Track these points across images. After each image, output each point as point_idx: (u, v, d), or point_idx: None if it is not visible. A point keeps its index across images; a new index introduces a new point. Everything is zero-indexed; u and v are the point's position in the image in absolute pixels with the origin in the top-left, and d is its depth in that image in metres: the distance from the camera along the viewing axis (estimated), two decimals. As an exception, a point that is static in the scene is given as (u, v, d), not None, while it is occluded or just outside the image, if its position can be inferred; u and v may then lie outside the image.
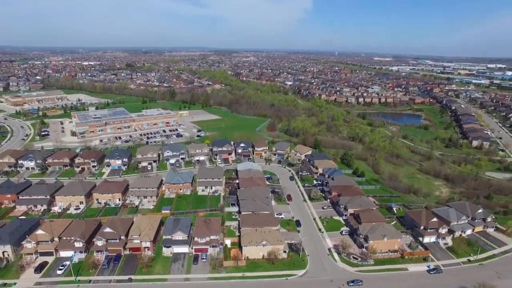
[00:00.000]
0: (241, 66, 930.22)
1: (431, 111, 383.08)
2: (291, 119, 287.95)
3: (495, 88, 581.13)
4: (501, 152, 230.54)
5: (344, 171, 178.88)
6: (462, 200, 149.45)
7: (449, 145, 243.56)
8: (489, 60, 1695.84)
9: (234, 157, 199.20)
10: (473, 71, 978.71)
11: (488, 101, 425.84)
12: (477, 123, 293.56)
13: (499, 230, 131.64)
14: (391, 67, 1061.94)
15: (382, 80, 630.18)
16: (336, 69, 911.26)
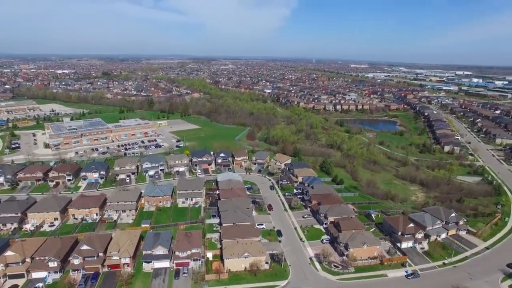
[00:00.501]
0: (220, 74, 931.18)
1: (405, 117, 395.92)
2: (270, 128, 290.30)
3: (463, 95, 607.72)
4: (471, 157, 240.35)
5: (323, 179, 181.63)
6: (436, 205, 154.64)
7: (423, 151, 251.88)
8: (457, 67, 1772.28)
9: (214, 168, 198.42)
10: (443, 78, 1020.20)
11: (457, 107, 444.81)
12: (448, 128, 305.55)
13: (470, 233, 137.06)
14: (367, 74, 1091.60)
15: (358, 87, 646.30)
16: (314, 76, 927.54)
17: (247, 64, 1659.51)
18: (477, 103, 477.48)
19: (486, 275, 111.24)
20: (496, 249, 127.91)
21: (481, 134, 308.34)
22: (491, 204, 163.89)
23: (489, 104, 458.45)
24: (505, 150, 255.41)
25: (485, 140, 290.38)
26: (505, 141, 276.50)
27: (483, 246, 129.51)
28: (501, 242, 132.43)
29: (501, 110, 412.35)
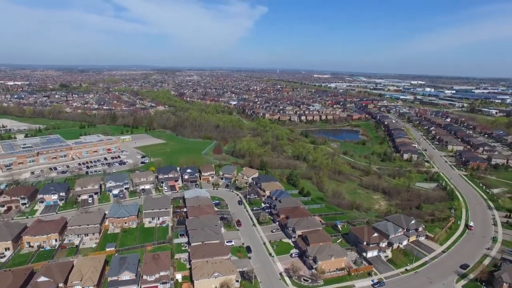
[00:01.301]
0: (184, 86, 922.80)
1: (367, 126, 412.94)
2: (237, 140, 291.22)
3: (418, 103, 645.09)
4: (427, 163, 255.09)
5: (290, 191, 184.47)
6: (398, 213, 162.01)
7: (385, 159, 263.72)
8: (412, 77, 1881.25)
9: (181, 184, 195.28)
10: (400, 87, 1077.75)
11: (413, 115, 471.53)
12: (406, 137, 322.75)
13: (429, 238, 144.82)
14: (329, 84, 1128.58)
15: (322, 98, 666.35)
16: (279, 87, 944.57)
17: (212, 75, 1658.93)
18: (431, 112, 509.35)
19: (443, 277, 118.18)
20: (451, 252, 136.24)
21: (435, 142, 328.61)
22: (445, 209, 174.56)
23: (441, 113, 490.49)
24: (455, 156, 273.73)
25: (439, 147, 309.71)
26: (455, 147, 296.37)
27: (440, 250, 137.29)
28: (454, 245, 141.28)
29: (451, 118, 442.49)
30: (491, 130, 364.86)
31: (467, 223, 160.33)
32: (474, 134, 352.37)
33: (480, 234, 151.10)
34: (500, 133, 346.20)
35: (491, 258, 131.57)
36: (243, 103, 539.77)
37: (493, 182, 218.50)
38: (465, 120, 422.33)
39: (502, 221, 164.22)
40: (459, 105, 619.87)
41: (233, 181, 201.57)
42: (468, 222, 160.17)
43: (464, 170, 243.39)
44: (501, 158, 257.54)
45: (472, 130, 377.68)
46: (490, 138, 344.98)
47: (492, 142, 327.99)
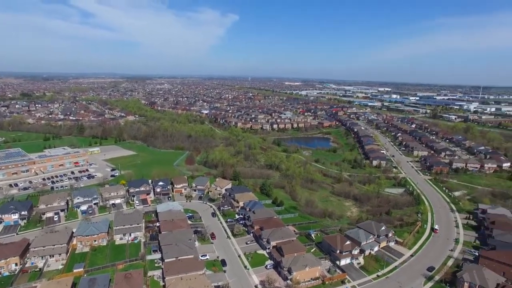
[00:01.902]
0: (155, 95, 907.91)
1: (337, 133, 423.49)
2: (209, 150, 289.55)
3: (386, 110, 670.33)
4: (395, 169, 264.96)
5: (264, 201, 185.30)
6: (368, 219, 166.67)
7: (355, 166, 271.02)
8: (379, 84, 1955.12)
9: (153, 197, 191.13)
10: (368, 94, 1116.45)
11: (381, 122, 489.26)
12: (375, 144, 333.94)
13: (398, 243, 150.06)
14: (300, 92, 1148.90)
15: (293, 105, 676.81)
16: (250, 95, 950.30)
17: (184, 83, 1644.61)
18: (397, 118, 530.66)
19: (412, 281, 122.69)
20: (418, 255, 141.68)
21: (402, 147, 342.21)
22: (413, 214, 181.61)
23: (406, 119, 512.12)
24: (420, 161, 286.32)
25: (405, 153, 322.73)
26: (420, 153, 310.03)
27: (408, 254, 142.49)
28: (422, 249, 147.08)
29: (416, 124, 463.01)
30: (452, 135, 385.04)
31: (432, 226, 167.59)
32: (437, 140, 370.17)
33: (444, 237, 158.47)
34: (459, 138, 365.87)
35: (454, 259, 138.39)
36: (215, 112, 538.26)
37: (454, 186, 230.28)
38: (429, 126, 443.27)
39: (463, 223, 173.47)
40: (423, 111, 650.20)
41: (206, 193, 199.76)
42: (434, 226, 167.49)
43: (428, 174, 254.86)
44: (461, 162, 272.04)
45: (435, 135, 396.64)
46: (451, 143, 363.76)
47: (453, 146, 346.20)
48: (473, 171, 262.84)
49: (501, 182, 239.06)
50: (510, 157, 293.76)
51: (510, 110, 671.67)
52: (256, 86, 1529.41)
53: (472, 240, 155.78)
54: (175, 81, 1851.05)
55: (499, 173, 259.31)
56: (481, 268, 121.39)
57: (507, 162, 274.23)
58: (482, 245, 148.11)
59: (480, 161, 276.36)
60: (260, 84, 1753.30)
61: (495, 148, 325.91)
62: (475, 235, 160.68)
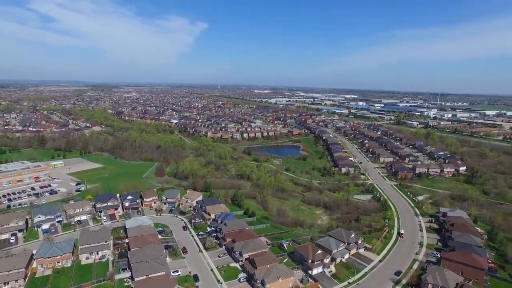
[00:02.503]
0: (122, 104, 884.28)
1: (307, 141, 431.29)
2: (179, 161, 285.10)
3: (353, 117, 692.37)
4: (363, 176, 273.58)
5: (235, 212, 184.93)
6: (339, 226, 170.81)
7: (325, 174, 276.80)
8: (346, 91, 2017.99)
9: (122, 212, 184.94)
10: (335, 101, 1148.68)
11: (349, 129, 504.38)
12: (343, 151, 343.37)
13: (367, 249, 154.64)
14: (270, 100, 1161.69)
15: (263, 114, 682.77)
16: (220, 103, 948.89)
17: (152, 92, 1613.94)
18: (364, 125, 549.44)
19: (381, 286, 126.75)
20: (386, 260, 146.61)
21: (369, 154, 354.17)
22: (380, 219, 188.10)
23: (372, 126, 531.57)
24: (386, 167, 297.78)
25: (372, 159, 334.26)
26: (386, 159, 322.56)
27: (377, 260, 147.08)
28: (389, 253, 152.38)
29: (381, 131, 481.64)
30: (414, 141, 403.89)
31: (399, 231, 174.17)
32: (401, 146, 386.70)
33: (410, 241, 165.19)
34: (421, 143, 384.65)
35: (419, 262, 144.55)
36: (185, 121, 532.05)
37: (418, 190, 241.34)
38: (393, 132, 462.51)
39: (426, 226, 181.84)
40: (387, 118, 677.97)
41: (177, 206, 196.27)
42: (400, 230, 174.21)
43: (394, 180, 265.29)
44: (423, 167, 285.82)
45: (399, 141, 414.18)
46: (413, 148, 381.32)
47: (416, 152, 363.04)
48: (434, 175, 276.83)
49: (458, 185, 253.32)
50: (466, 161, 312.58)
51: (464, 116, 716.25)
52: (226, 94, 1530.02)
53: (435, 243, 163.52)
54: (143, 90, 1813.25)
55: (457, 177, 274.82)
56: (442, 269, 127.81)
57: (463, 166, 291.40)
58: (443, 247, 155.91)
59: (440, 165, 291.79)
60: (229, 92, 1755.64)
61: (453, 152, 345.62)
62: (437, 238, 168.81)
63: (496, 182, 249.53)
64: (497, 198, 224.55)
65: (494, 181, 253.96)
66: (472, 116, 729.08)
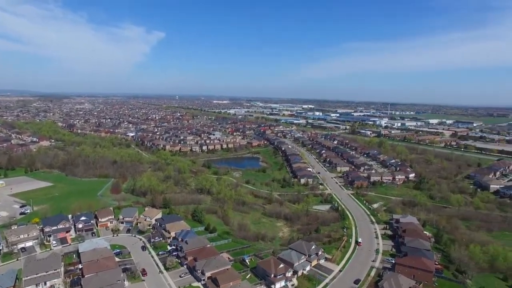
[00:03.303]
0: (74, 116, 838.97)
1: (266, 153, 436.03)
2: (137, 177, 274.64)
3: (310, 127, 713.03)
4: (321, 186, 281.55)
5: (196, 229, 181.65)
6: (299, 238, 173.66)
7: (284, 185, 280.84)
8: (303, 101, 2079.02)
9: (74, 235, 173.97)
10: (293, 111, 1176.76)
11: (307, 139, 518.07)
12: (302, 161, 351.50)
13: (328, 259, 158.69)
14: (229, 110, 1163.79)
15: (222, 125, 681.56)
16: (179, 115, 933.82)
17: (107, 103, 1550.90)
18: (321, 135, 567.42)
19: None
20: (346, 269, 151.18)
21: (326, 164, 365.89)
22: (339, 229, 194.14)
23: (329, 135, 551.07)
24: (343, 177, 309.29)
25: (330, 169, 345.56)
26: (343, 168, 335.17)
27: (337, 269, 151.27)
28: (348, 263, 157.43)
29: (337, 141, 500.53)
30: (368, 149, 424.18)
31: (356, 239, 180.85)
32: (356, 155, 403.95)
33: (367, 248, 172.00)
34: (375, 152, 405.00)
35: (376, 269, 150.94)
36: (142, 134, 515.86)
37: (373, 198, 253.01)
38: (349, 142, 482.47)
39: (382, 233, 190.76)
40: (343, 127, 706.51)
41: (135, 225, 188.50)
42: (358, 239, 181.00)
43: (351, 189, 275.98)
44: (377, 175, 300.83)
45: (355, 150, 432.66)
46: (368, 157, 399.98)
47: (370, 160, 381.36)
48: (387, 183, 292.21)
49: (408, 191, 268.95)
50: (414, 167, 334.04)
51: (412, 125, 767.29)
52: (184, 105, 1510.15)
53: (390, 249, 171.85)
54: (96, 100, 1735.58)
55: (407, 183, 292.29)
56: (397, 275, 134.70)
57: (412, 173, 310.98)
58: (397, 253, 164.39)
59: (392, 173, 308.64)
60: (188, 103, 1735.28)
61: (403, 160, 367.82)
62: (391, 244, 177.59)
63: (440, 187, 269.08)
64: (442, 202, 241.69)
65: (438, 186, 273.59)
66: (418, 125, 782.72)
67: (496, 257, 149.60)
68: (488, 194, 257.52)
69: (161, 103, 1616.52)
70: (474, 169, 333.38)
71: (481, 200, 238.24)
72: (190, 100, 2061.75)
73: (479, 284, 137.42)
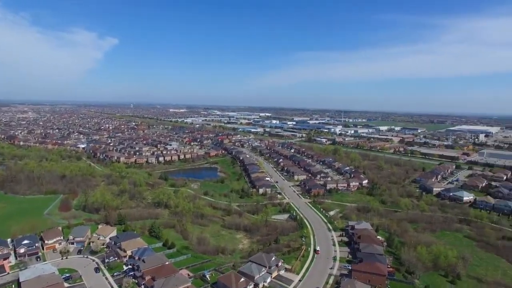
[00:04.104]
0: (16, 126, 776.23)
1: (224, 163, 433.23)
2: (89, 192, 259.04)
3: (267, 136, 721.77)
4: (279, 195, 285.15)
5: (154, 245, 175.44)
6: (259, 250, 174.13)
7: (243, 196, 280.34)
8: (260, 109, 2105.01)
9: (14, 261, 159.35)
10: (251, 120, 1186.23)
11: (264, 148, 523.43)
12: (260, 171, 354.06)
13: (288, 270, 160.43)
14: (186, 119, 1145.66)
15: (179, 135, 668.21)
16: (133, 124, 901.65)
17: (54, 111, 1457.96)
18: (278, 143, 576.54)
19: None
20: (305, 278, 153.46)
21: (284, 173, 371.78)
22: (298, 238, 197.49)
23: (286, 144, 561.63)
24: (300, 185, 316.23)
25: (287, 178, 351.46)
26: (300, 177, 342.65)
27: (297, 279, 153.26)
28: (308, 272, 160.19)
29: (294, 149, 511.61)
30: (324, 157, 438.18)
31: (315, 248, 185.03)
32: (313, 163, 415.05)
33: (325, 256, 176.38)
34: (330, 159, 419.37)
35: (334, 277, 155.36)
36: (94, 146, 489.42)
37: (329, 206, 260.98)
38: (305, 150, 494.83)
39: (338, 240, 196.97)
40: (299, 135, 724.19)
41: (87, 245, 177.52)
42: (316, 247, 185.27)
43: (308, 197, 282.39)
44: (333, 183, 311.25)
45: (311, 158, 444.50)
46: (324, 165, 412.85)
47: (326, 168, 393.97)
48: (342, 190, 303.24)
49: (362, 197, 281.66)
50: (367, 174, 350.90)
51: (364, 132, 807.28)
52: (139, 114, 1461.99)
53: (346, 256, 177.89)
54: (42, 109, 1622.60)
55: (361, 190, 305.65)
56: (353, 281, 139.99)
57: (365, 179, 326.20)
58: (353, 259, 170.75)
59: (346, 180, 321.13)
60: (143, 111, 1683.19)
61: (356, 167, 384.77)
62: (348, 250, 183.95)
63: (391, 192, 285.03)
64: (393, 206, 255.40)
65: (389, 191, 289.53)
66: (370, 132, 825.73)
67: (438, 256, 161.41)
68: (432, 197, 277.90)
69: (114, 112, 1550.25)
70: (419, 174, 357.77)
71: (426, 203, 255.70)
72: (145, 109, 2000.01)
73: (426, 282, 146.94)
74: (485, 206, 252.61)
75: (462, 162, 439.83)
